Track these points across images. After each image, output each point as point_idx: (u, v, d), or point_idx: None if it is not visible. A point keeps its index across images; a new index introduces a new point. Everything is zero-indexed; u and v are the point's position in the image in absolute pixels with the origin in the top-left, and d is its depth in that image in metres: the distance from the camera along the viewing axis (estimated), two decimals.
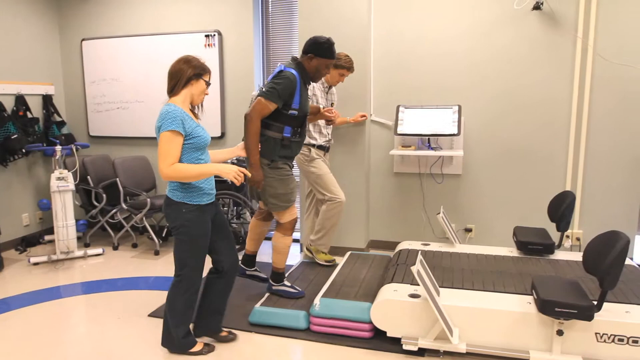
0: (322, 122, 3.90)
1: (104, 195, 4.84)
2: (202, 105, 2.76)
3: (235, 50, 4.86)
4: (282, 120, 3.07)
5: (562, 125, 4.12)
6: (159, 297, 3.65)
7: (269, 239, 5.18)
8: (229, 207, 4.80)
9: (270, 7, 4.90)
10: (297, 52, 3.60)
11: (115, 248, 4.88)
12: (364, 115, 4.21)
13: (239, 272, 3.54)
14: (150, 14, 5.06)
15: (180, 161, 2.51)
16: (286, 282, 3.37)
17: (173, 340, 2.75)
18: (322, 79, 3.75)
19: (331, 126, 4.01)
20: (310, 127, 3.89)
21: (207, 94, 2.66)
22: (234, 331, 3.04)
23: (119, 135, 5.33)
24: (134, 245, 4.97)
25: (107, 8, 5.21)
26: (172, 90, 2.55)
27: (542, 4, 3.95)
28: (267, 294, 3.36)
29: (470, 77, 4.24)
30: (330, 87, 3.93)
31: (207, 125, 4.99)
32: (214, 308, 2.88)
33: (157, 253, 4.71)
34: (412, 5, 4.29)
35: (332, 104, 4.00)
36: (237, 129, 4.99)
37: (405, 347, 2.75)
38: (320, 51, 3.09)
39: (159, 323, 3.22)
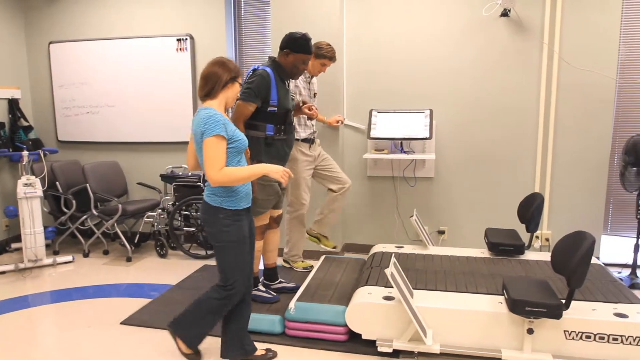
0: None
1: (74, 202, 4.74)
2: (232, 109, 2.78)
3: (208, 54, 4.83)
4: (262, 119, 3.05)
5: (530, 129, 4.22)
6: (132, 305, 3.59)
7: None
8: (198, 212, 4.75)
9: (242, 11, 4.89)
10: (270, 55, 3.57)
11: (86, 255, 4.78)
12: (339, 121, 4.21)
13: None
14: (121, 17, 4.99)
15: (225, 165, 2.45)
16: (261, 287, 3.35)
17: (235, 346, 2.68)
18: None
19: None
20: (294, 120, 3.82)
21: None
22: (271, 348, 2.89)
23: (89, 140, 5.23)
24: (105, 252, 4.88)
25: (75, 11, 5.12)
26: (209, 94, 2.48)
27: (509, 10, 4.05)
28: None
29: (442, 82, 4.31)
30: (312, 77, 3.84)
31: (179, 130, 4.94)
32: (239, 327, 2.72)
33: (129, 260, 4.63)
34: (384, 10, 4.34)
35: (314, 94, 3.95)
36: None
37: (380, 349, 2.77)
38: (295, 46, 3.08)
39: (131, 331, 3.17)
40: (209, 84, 2.46)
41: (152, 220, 4.83)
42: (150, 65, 4.91)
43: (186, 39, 4.80)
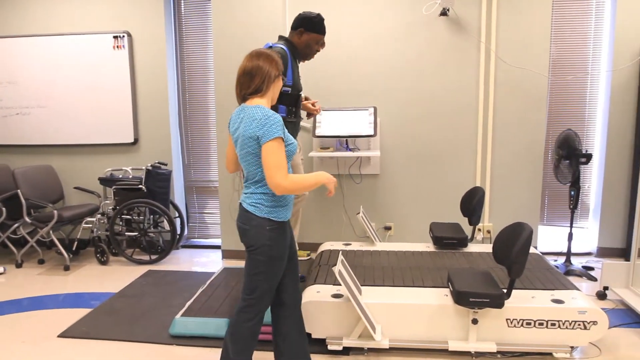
0: None
1: (4, 209, 4.45)
2: None
3: (147, 52, 4.67)
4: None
5: (470, 125, 4.35)
6: (71, 316, 3.42)
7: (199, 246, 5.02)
8: (144, 215, 4.60)
9: (182, 8, 4.76)
10: (280, 34, 3.34)
11: (19, 265, 4.50)
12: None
13: None
14: (52, 13, 4.73)
15: (262, 177, 2.22)
16: None
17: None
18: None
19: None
20: None
21: None
22: None
23: (19, 143, 4.93)
24: (41, 262, 4.62)
25: (2, 5, 4.81)
26: (258, 91, 2.23)
27: (448, 10, 4.15)
28: (188, 303, 3.25)
29: (385, 79, 4.37)
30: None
31: (117, 131, 4.75)
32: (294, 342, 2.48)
33: (67, 268, 4.41)
34: (327, 10, 4.35)
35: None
36: (151, 134, 4.79)
37: (330, 347, 2.77)
38: (310, 25, 2.99)
39: (69, 344, 3.01)
40: (257, 79, 2.20)
41: (91, 226, 4.61)
42: (86, 64, 4.69)
43: (123, 36, 4.61)
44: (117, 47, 4.63)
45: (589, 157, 3.85)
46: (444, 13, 4.16)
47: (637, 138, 4.22)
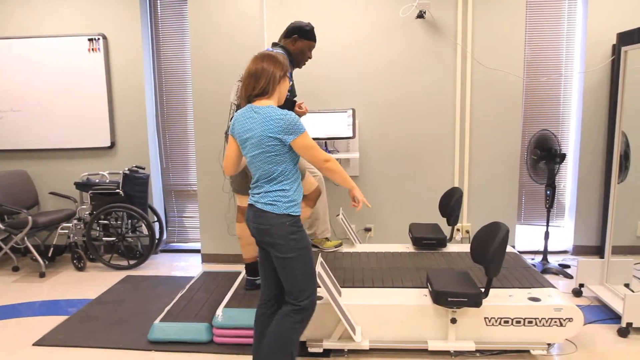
0: None
1: None
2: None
3: (123, 55, 4.62)
4: None
5: (448, 126, 4.39)
6: (47, 324, 3.35)
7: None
8: (122, 220, 4.53)
9: (159, 10, 4.72)
10: (274, 41, 3.32)
11: None
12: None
13: (249, 286, 3.29)
14: (25, 16, 4.64)
15: (290, 169, 2.26)
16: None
17: None
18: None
19: None
20: None
21: None
22: None
23: None
24: (15, 269, 4.52)
25: None
26: (265, 92, 2.26)
27: (424, 12, 4.19)
28: (167, 308, 3.21)
29: (363, 81, 4.39)
30: None
31: (94, 134, 4.68)
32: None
33: (42, 275, 4.32)
34: (305, 12, 4.35)
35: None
36: (128, 138, 4.73)
37: (310, 349, 2.77)
38: (303, 33, 3.09)
39: (45, 352, 2.95)
40: (262, 81, 2.24)
41: (67, 231, 4.53)
42: (61, 67, 4.61)
43: (98, 38, 4.55)
44: (93, 49, 4.57)
45: (562, 157, 3.92)
46: (420, 16, 4.20)
47: (610, 138, 4.31)
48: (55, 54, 4.60)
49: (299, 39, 3.13)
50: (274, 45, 3.18)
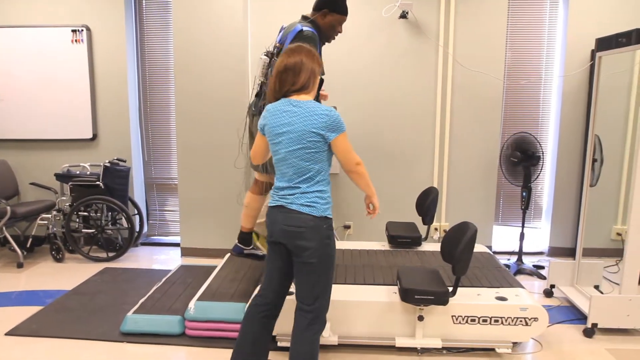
0: None
1: None
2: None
3: (106, 47, 4.61)
4: None
5: (428, 126, 4.44)
6: (22, 314, 3.35)
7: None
8: (102, 212, 4.54)
9: (143, 3, 4.71)
10: (303, 14, 3.31)
11: None
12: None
13: (236, 251, 3.23)
14: (7, 5, 4.62)
15: (326, 169, 2.22)
16: (257, 244, 3.25)
17: None
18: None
19: None
20: None
21: None
22: None
23: None
24: None
25: None
26: (305, 88, 2.19)
27: (407, 13, 4.23)
28: (141, 301, 3.23)
29: (345, 80, 4.41)
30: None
31: (75, 126, 4.68)
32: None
33: (20, 266, 4.31)
34: (288, 10, 4.37)
35: None
36: (111, 130, 4.73)
37: (279, 344, 2.80)
38: (334, 6, 2.95)
39: (17, 342, 2.96)
40: (302, 76, 2.15)
41: (46, 222, 4.53)
42: (43, 57, 4.60)
43: (82, 30, 4.54)
44: (76, 41, 4.55)
45: (536, 159, 3.97)
46: (403, 16, 4.23)
47: (586, 141, 4.38)
48: (38, 45, 4.58)
49: (329, 13, 2.98)
50: (303, 18, 3.03)
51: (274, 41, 3.14)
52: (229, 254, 3.93)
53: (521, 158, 4.00)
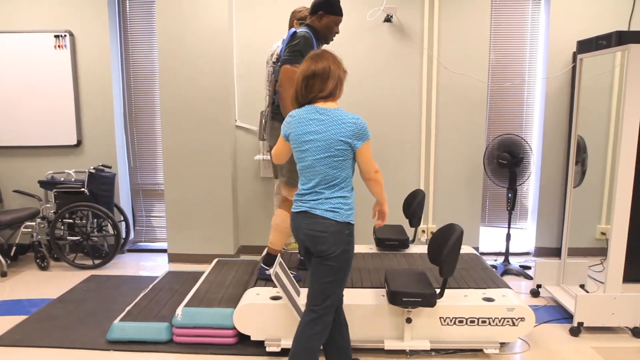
0: None
1: None
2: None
3: (90, 52, 4.57)
4: None
5: (414, 129, 4.46)
6: (6, 323, 3.29)
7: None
8: (87, 219, 4.49)
9: (127, 7, 4.68)
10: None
11: None
12: None
13: (262, 274, 3.16)
14: None
15: (350, 175, 2.24)
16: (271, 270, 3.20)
17: None
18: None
19: None
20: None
21: None
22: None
23: None
24: None
25: None
26: (331, 95, 2.19)
27: (392, 16, 4.25)
28: (128, 308, 3.20)
29: None
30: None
31: (59, 132, 4.62)
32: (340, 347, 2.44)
33: (4, 274, 4.25)
34: (274, 12, 4.37)
35: None
36: (95, 136, 4.68)
37: (268, 349, 2.79)
38: (329, 8, 3.02)
39: (1, 353, 2.91)
40: (330, 83, 2.16)
41: (31, 230, 4.47)
42: (25, 63, 4.54)
43: (65, 35, 4.50)
44: (59, 46, 4.51)
45: (519, 160, 4.01)
46: (388, 19, 4.26)
47: (570, 143, 4.43)
48: (21, 50, 4.53)
49: (325, 15, 3.05)
50: (301, 24, 3.11)
51: (274, 51, 3.20)
52: (216, 260, 3.91)
53: (510, 160, 4.02)
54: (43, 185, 4.49)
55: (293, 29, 3.05)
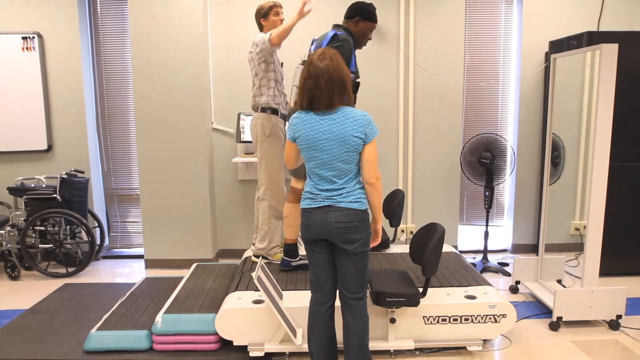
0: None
1: None
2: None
3: (59, 54, 4.44)
4: None
5: (391, 129, 4.48)
6: None
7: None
8: (60, 226, 4.36)
9: (98, 8, 4.57)
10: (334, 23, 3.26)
11: None
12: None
13: (284, 265, 3.27)
14: None
15: (358, 166, 2.29)
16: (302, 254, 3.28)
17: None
18: None
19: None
20: (276, 90, 3.50)
21: None
22: None
23: None
24: None
25: None
26: (347, 96, 2.27)
27: None
28: (105, 317, 3.11)
29: None
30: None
31: (29, 137, 4.48)
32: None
33: None
34: (249, 14, 4.33)
35: (281, 64, 3.67)
36: (66, 140, 4.56)
37: (251, 354, 2.75)
38: (366, 14, 3.06)
39: None
40: (345, 86, 2.22)
41: (0, 239, 4.31)
42: None
43: (33, 37, 4.36)
44: (27, 48, 4.37)
45: (493, 159, 4.05)
46: None
47: (544, 140, 4.51)
48: None
49: (362, 21, 3.09)
50: (336, 27, 3.14)
51: (307, 52, 3.22)
52: (195, 264, 3.85)
53: (492, 159, 4.05)
54: (12, 192, 4.34)
55: (333, 31, 3.07)
